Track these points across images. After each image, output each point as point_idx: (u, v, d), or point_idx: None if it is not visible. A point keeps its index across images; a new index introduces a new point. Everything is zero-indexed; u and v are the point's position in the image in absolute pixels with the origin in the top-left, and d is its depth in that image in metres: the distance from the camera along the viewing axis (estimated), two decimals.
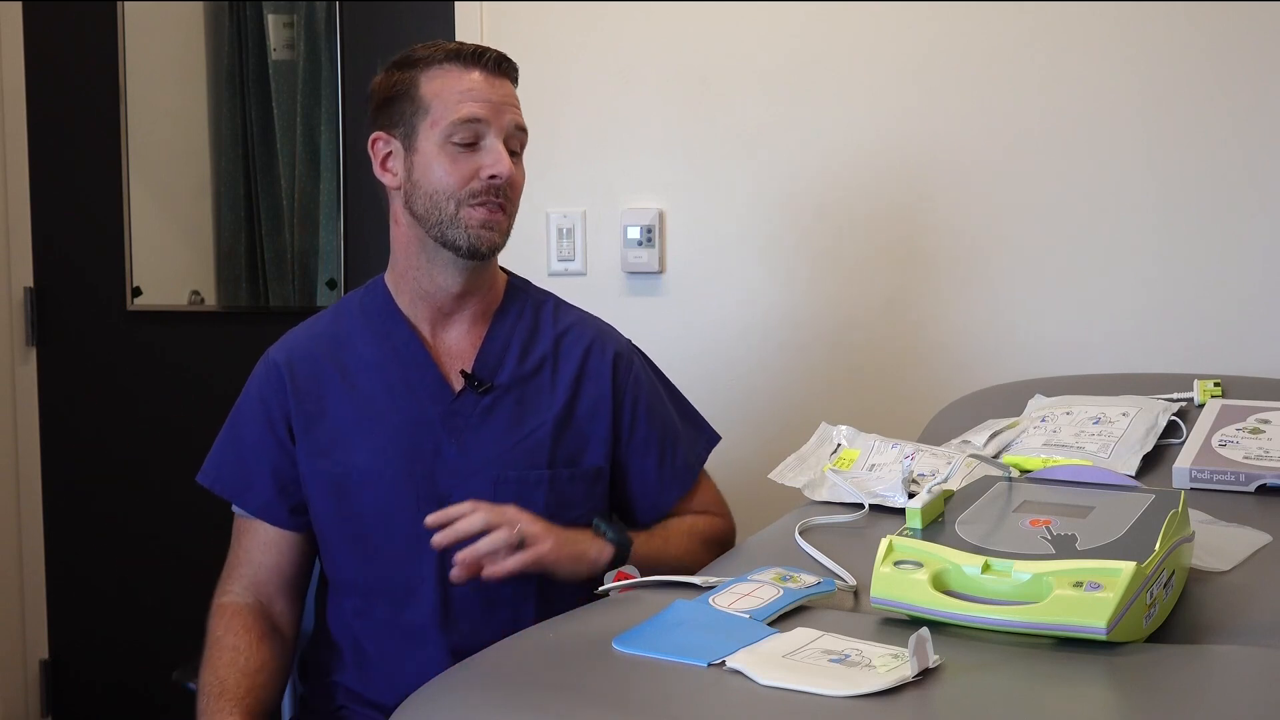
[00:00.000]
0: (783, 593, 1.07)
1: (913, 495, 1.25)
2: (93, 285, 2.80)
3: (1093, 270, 2.12)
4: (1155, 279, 2.09)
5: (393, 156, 1.55)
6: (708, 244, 2.30)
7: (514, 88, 1.56)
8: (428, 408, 1.54)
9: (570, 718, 0.88)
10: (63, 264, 2.80)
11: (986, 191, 2.16)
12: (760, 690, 0.88)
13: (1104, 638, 0.92)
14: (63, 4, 2.76)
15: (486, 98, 1.51)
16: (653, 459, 1.63)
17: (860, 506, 1.37)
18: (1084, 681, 0.89)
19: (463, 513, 1.40)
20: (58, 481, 2.83)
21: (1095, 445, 1.49)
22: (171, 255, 2.86)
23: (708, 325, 2.30)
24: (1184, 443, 1.47)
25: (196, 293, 2.85)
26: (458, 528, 1.40)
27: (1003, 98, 2.14)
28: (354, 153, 2.68)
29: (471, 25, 2.39)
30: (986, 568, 0.99)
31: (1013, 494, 1.12)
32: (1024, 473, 1.40)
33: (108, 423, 2.82)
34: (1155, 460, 1.48)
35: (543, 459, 1.55)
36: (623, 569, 1.46)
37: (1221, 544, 1.16)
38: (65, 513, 2.83)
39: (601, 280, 2.35)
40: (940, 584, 1.00)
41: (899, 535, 1.05)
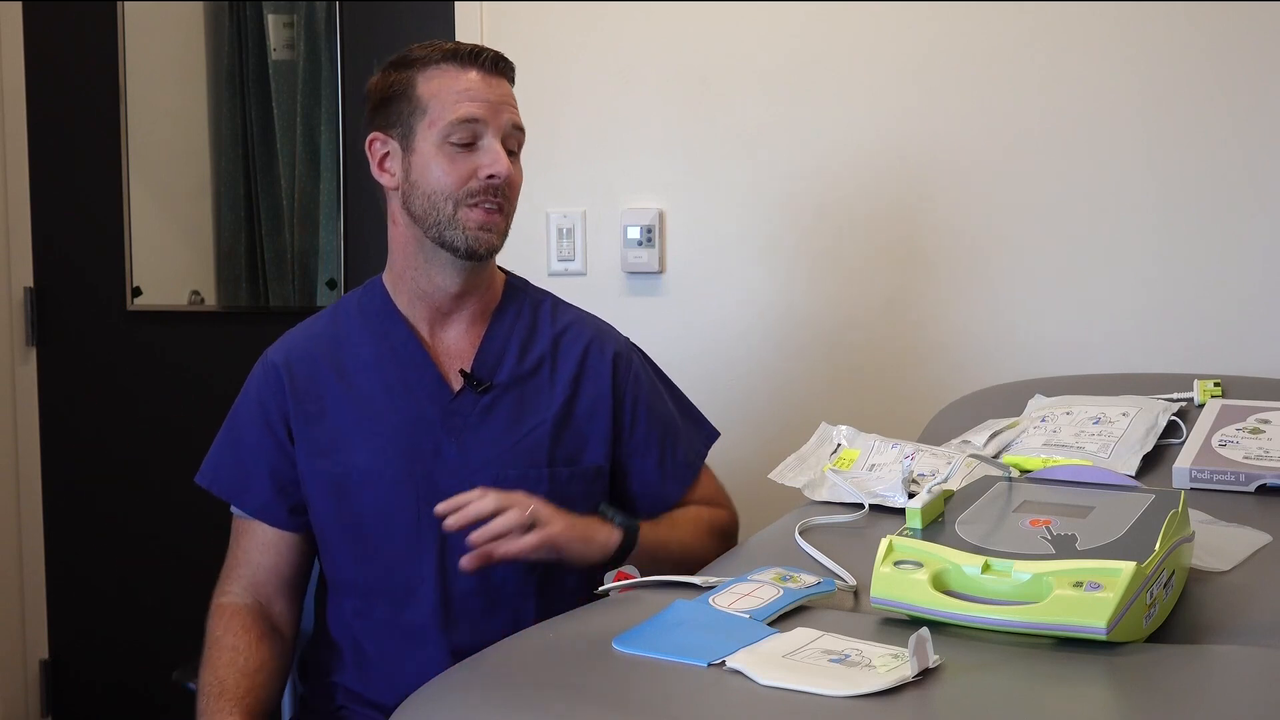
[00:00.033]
0: (783, 593, 1.07)
1: (913, 495, 1.25)
2: (93, 285, 2.80)
3: (1093, 270, 2.12)
4: (1155, 279, 2.09)
5: (390, 157, 1.54)
6: (708, 244, 2.30)
7: (511, 87, 1.56)
8: (427, 407, 1.54)
9: (570, 718, 0.88)
10: (63, 264, 2.80)
11: (986, 191, 2.16)
12: (760, 690, 0.88)
13: (1104, 638, 0.92)
14: (63, 4, 2.76)
15: (484, 97, 1.51)
16: (653, 457, 1.63)
17: (860, 506, 1.37)
18: (1084, 681, 0.89)
19: (472, 498, 1.40)
20: (58, 481, 2.83)
21: (1095, 445, 1.49)
22: (171, 255, 2.86)
23: (708, 325, 2.30)
24: (1184, 443, 1.47)
25: (196, 293, 2.85)
26: (469, 511, 1.39)
27: (1003, 98, 2.14)
28: (354, 153, 2.68)
29: (471, 25, 2.39)
30: (986, 568, 0.99)
31: (1013, 494, 1.12)
32: (1024, 473, 1.40)
33: (108, 423, 2.82)
34: (1155, 460, 1.48)
35: (542, 458, 1.55)
36: (623, 569, 1.46)
37: (1221, 544, 1.16)
38: (65, 513, 2.83)
39: (601, 280, 2.35)
40: (940, 584, 1.00)
41: (899, 535, 1.05)
